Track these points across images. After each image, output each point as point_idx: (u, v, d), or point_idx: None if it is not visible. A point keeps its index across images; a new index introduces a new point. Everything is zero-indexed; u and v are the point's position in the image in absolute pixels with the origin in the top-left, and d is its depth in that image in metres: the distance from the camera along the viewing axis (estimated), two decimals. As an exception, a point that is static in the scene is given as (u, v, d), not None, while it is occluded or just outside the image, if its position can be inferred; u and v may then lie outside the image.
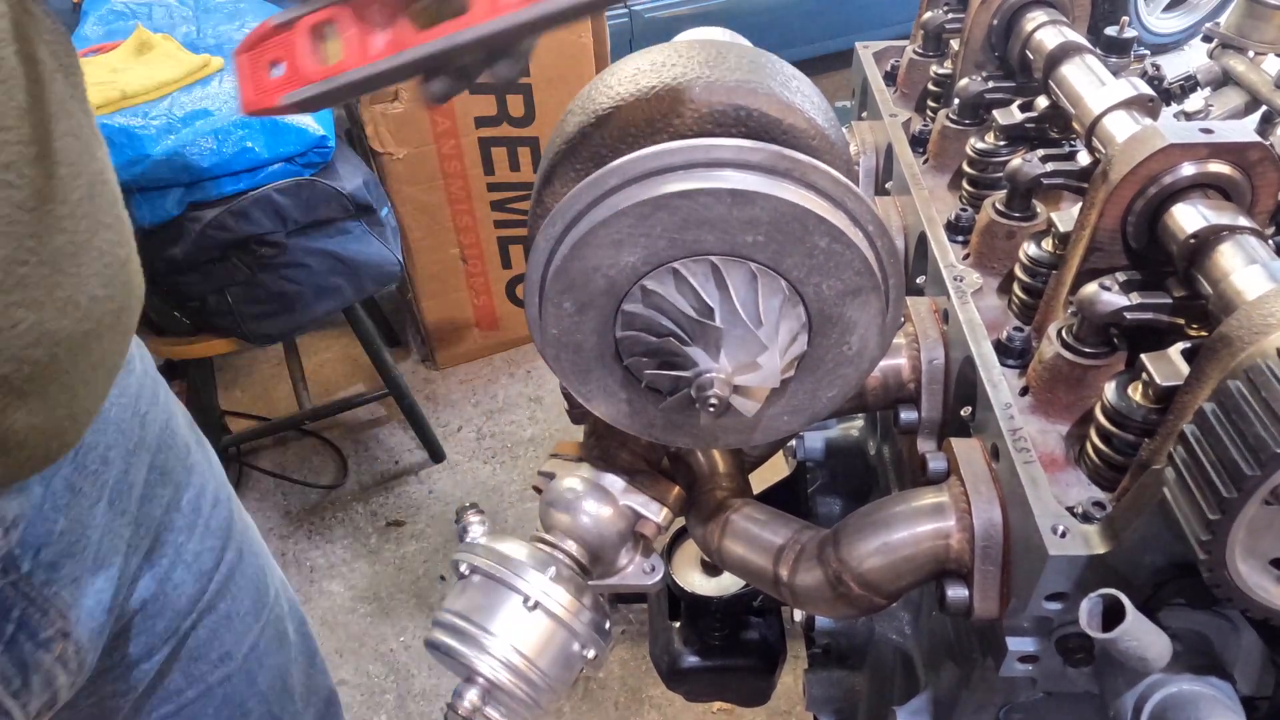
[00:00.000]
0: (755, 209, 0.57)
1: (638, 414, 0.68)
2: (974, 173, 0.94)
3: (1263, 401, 0.44)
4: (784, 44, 3.91)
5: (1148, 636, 0.54)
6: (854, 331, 0.63)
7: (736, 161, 0.58)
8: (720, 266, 0.58)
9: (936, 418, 0.82)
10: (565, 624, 0.74)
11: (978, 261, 0.86)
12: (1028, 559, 0.62)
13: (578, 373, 0.66)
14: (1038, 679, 0.69)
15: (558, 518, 0.79)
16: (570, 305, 0.62)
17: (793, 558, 0.76)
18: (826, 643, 1.13)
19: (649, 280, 0.60)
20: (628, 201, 0.58)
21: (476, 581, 0.75)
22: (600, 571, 0.81)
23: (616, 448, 0.82)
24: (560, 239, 0.61)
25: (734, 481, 0.87)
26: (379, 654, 2.18)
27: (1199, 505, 0.48)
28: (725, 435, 0.70)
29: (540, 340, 0.65)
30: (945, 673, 0.85)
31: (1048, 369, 0.70)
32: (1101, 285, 0.66)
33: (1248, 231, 0.61)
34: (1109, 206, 0.66)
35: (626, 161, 0.59)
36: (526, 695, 0.72)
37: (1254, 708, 0.67)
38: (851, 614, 0.76)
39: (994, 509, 0.67)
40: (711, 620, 1.09)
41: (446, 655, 0.73)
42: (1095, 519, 0.62)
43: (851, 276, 0.60)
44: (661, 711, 2.02)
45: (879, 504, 0.72)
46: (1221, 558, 0.50)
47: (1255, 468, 0.44)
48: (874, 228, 0.60)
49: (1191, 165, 0.64)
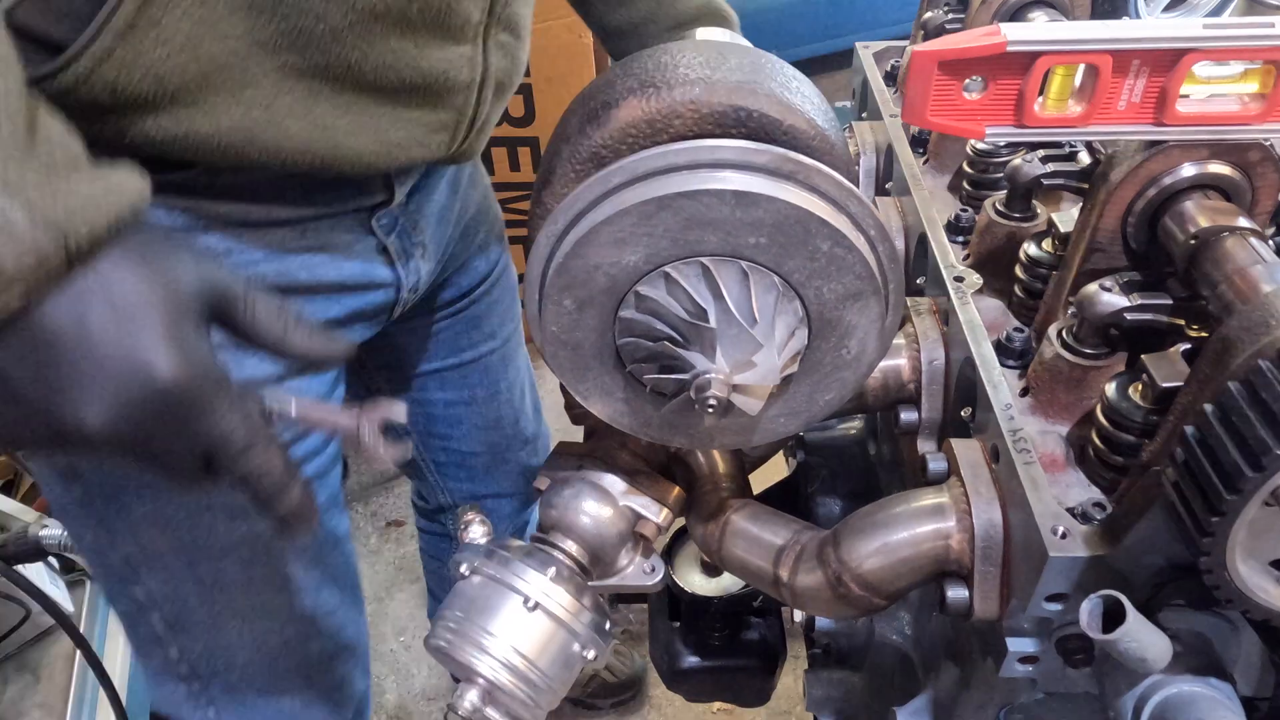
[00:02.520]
0: (759, 211, 0.57)
1: (635, 413, 0.68)
2: (974, 173, 0.94)
3: (1262, 403, 0.44)
4: (785, 44, 3.91)
5: (1148, 637, 0.54)
6: (853, 335, 0.63)
7: (741, 163, 0.58)
8: (711, 267, 0.58)
9: (937, 418, 0.82)
10: (565, 624, 0.74)
11: (978, 262, 0.86)
12: (1028, 560, 0.62)
13: (575, 371, 0.66)
14: (1038, 680, 0.69)
15: (557, 518, 0.80)
16: (570, 303, 0.62)
17: (793, 558, 0.76)
18: (827, 643, 1.13)
19: (642, 285, 0.60)
20: (632, 200, 0.58)
21: (477, 582, 0.75)
22: (600, 572, 0.81)
23: (616, 448, 0.82)
24: (562, 236, 0.61)
25: (734, 482, 0.87)
26: (379, 654, 2.18)
27: (1199, 507, 0.48)
28: (723, 436, 0.70)
29: (539, 338, 0.65)
30: (945, 673, 0.85)
31: (1048, 370, 0.70)
32: (1102, 286, 0.67)
33: (1248, 232, 0.61)
34: (1109, 207, 0.66)
35: (631, 160, 0.59)
36: (527, 696, 0.72)
37: (1254, 708, 0.67)
38: (851, 615, 0.76)
39: (994, 510, 0.67)
40: (712, 621, 1.09)
41: (447, 656, 0.73)
42: (1095, 520, 0.62)
43: (852, 280, 0.60)
44: (661, 711, 2.02)
45: (879, 505, 0.72)
46: (1222, 559, 0.50)
47: (1255, 469, 0.44)
48: (875, 232, 0.60)
49: (1192, 166, 0.64)
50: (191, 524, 0.90)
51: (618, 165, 0.59)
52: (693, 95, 0.60)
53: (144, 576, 0.94)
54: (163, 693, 1.04)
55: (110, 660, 1.67)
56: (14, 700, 1.57)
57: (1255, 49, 0.56)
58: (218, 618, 0.98)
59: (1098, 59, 0.56)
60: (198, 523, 0.91)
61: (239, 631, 0.99)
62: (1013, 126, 0.59)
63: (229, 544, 0.93)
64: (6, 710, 1.56)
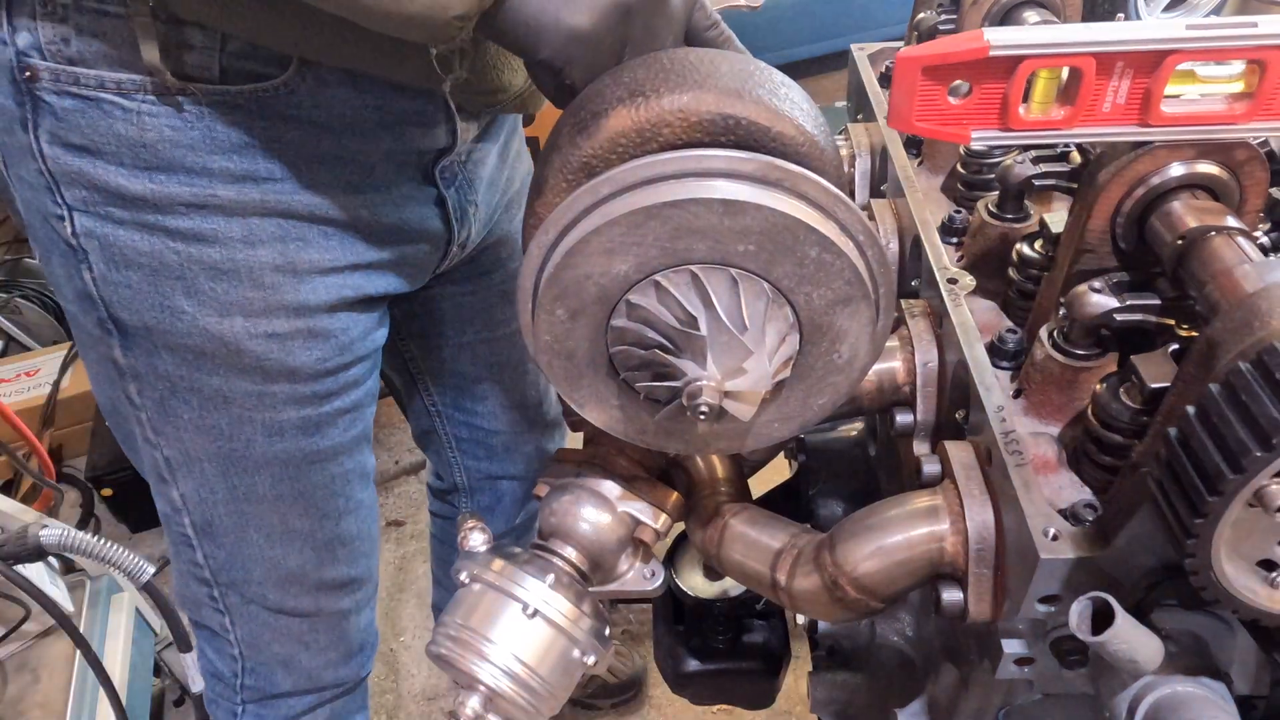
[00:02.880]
0: (747, 219, 0.58)
1: (630, 421, 0.69)
2: (967, 174, 0.94)
3: (1243, 405, 0.44)
4: (782, 45, 3.91)
5: (1138, 639, 0.54)
6: (844, 340, 0.63)
7: (728, 171, 0.59)
8: (701, 275, 0.59)
9: (931, 420, 0.83)
10: (565, 631, 0.74)
11: (971, 263, 0.86)
12: (1020, 562, 0.62)
13: (570, 380, 0.67)
14: (1035, 681, 0.69)
15: (556, 525, 0.80)
16: (563, 313, 0.63)
17: (790, 562, 0.76)
18: (831, 645, 1.13)
19: (633, 295, 0.61)
20: (621, 210, 0.58)
21: (477, 590, 0.76)
22: (600, 578, 0.82)
23: (614, 454, 0.83)
24: (553, 246, 0.62)
25: (733, 486, 0.88)
26: (379, 654, 2.17)
27: (1182, 509, 0.49)
28: (717, 442, 0.70)
29: (533, 347, 0.66)
30: (944, 675, 0.85)
31: (1039, 371, 0.70)
32: (1091, 287, 0.67)
33: (1235, 232, 0.61)
34: (1097, 208, 0.66)
35: (620, 171, 0.59)
36: (527, 703, 0.73)
37: (1251, 707, 0.67)
38: (849, 618, 0.77)
39: (987, 512, 0.67)
40: (715, 624, 1.09)
41: (448, 664, 0.74)
42: (1087, 521, 0.62)
43: (842, 286, 0.60)
44: (661, 711, 2.02)
45: (873, 508, 0.73)
46: (1207, 560, 0.50)
47: (1235, 471, 0.44)
48: (864, 237, 0.60)
49: (1179, 166, 0.64)
50: (232, 434, 0.95)
51: (606, 176, 0.59)
52: (681, 104, 0.60)
53: (180, 480, 0.99)
54: (186, 593, 1.11)
55: (110, 660, 1.68)
56: (14, 700, 1.59)
57: (1238, 49, 0.56)
58: (243, 530, 1.03)
59: (1081, 61, 0.56)
60: (237, 434, 0.95)
61: (259, 546, 1.04)
62: (998, 130, 0.59)
63: (264, 459, 0.98)
64: (6, 710, 1.57)
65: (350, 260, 0.92)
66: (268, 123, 0.81)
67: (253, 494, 1.00)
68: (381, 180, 0.91)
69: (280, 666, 1.16)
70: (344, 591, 1.14)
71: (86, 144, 0.78)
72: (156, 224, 0.82)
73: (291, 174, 0.84)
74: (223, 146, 0.80)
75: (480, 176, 1.04)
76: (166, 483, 1.00)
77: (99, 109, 0.76)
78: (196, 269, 0.85)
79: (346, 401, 1.01)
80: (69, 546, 1.50)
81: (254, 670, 1.16)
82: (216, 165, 0.80)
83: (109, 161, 0.79)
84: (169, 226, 0.82)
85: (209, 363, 0.90)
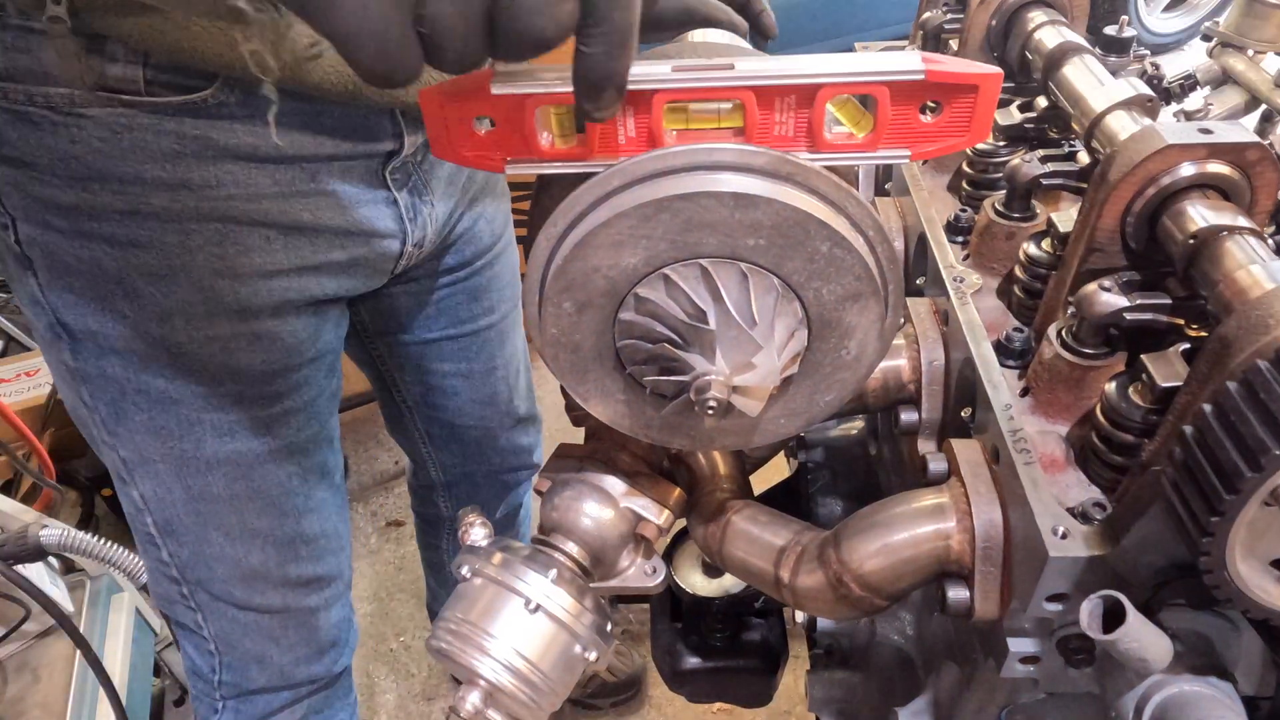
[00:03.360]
0: (757, 213, 0.57)
1: (635, 415, 0.68)
2: (973, 173, 0.94)
3: (1261, 403, 0.44)
4: (785, 45, 3.91)
5: (1148, 637, 0.54)
6: (853, 336, 0.63)
7: (738, 165, 0.58)
8: (710, 269, 0.58)
9: (937, 419, 0.82)
10: (567, 626, 0.74)
11: (977, 262, 0.86)
12: (1028, 560, 0.62)
13: (575, 373, 0.66)
14: (1039, 680, 0.69)
15: (558, 520, 0.80)
16: (570, 305, 0.62)
17: (793, 559, 0.76)
18: (829, 643, 1.13)
19: (642, 288, 0.60)
20: (630, 203, 0.58)
21: (478, 584, 0.75)
22: (602, 573, 0.81)
23: (617, 450, 0.82)
24: (561, 239, 0.61)
25: (735, 483, 0.87)
26: (379, 654, 2.18)
27: (1198, 507, 0.48)
28: (723, 437, 0.70)
29: (539, 339, 0.65)
30: (946, 674, 0.85)
31: (1047, 370, 0.70)
32: (1101, 286, 0.66)
33: (1247, 231, 0.61)
34: (1108, 207, 0.66)
35: (629, 163, 0.59)
36: (528, 698, 0.72)
37: (1256, 707, 0.67)
38: (853, 615, 0.76)
39: (994, 510, 0.67)
40: (713, 621, 1.09)
41: (448, 658, 0.73)
42: (1095, 520, 0.62)
43: (851, 281, 0.60)
44: (661, 711, 2.02)
45: (879, 505, 0.72)
46: (1221, 559, 0.50)
47: (1254, 469, 0.44)
48: (874, 233, 0.60)
49: (1190, 165, 0.64)
50: (182, 434, 0.96)
51: (616, 168, 0.59)
52: (690, 98, 0.60)
53: (138, 480, 1.00)
54: (159, 590, 1.12)
55: (110, 660, 1.68)
56: (14, 700, 1.58)
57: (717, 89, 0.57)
58: (203, 529, 1.03)
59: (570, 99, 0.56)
60: (188, 434, 0.96)
61: (220, 545, 1.05)
62: (529, 161, 0.60)
63: (216, 459, 0.98)
64: (6, 710, 1.56)
65: (294, 264, 0.92)
66: (200, 132, 0.80)
67: (208, 493, 1.01)
68: (326, 184, 0.90)
69: (254, 663, 1.16)
70: (310, 589, 1.14)
71: (20, 156, 0.79)
72: (92, 231, 0.83)
73: (227, 181, 0.84)
74: (154, 156, 0.80)
75: (437, 175, 1.04)
76: (126, 483, 1.01)
77: (29, 122, 0.77)
78: (134, 274, 0.85)
79: (298, 402, 1.01)
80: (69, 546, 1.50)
81: (230, 666, 1.16)
82: (149, 174, 0.80)
83: (42, 172, 0.79)
84: (104, 234, 0.83)
85: (154, 365, 0.91)
